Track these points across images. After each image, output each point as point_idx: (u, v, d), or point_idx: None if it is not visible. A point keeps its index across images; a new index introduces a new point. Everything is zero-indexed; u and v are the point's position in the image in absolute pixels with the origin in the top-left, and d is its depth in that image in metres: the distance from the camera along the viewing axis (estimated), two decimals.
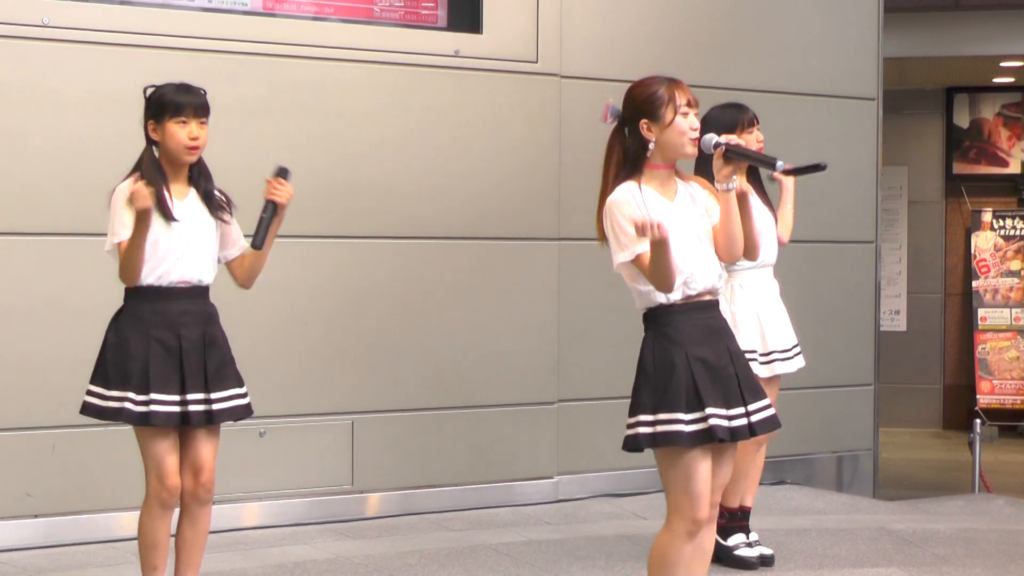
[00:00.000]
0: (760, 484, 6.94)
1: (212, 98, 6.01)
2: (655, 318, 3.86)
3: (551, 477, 6.86)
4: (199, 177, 4.35)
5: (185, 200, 4.30)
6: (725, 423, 3.78)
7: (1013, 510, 6.92)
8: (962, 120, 12.31)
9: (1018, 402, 11.76)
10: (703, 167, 4.47)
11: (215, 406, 4.26)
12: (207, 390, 4.26)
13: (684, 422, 3.74)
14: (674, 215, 3.81)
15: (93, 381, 4.30)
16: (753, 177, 5.38)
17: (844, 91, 7.72)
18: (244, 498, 6.09)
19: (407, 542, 5.90)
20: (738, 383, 3.85)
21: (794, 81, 7.54)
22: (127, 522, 5.84)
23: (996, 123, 12.28)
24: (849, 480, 7.76)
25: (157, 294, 4.23)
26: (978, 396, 11.78)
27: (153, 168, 4.27)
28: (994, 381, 11.81)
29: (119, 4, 5.89)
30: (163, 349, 4.20)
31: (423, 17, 6.62)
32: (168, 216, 4.22)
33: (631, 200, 3.79)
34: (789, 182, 5.67)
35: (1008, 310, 11.89)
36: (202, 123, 4.30)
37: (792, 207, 5.66)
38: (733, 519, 5.53)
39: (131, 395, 4.18)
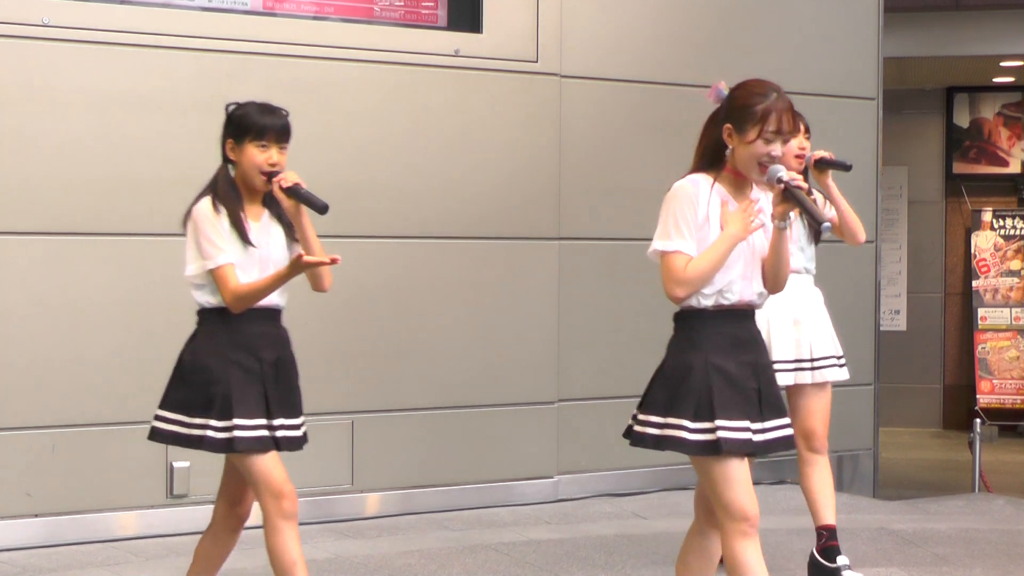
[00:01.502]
0: (760, 484, 6.94)
1: (212, 98, 6.05)
2: (684, 320, 3.82)
3: (551, 477, 6.86)
4: (271, 199, 4.13)
5: (260, 222, 4.12)
6: (733, 435, 3.67)
7: (1013, 510, 6.92)
8: (962, 120, 12.31)
9: (1018, 402, 11.76)
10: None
11: (279, 433, 4.08)
12: (279, 415, 4.10)
13: (688, 430, 3.68)
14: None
15: (167, 407, 4.10)
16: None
17: (844, 91, 7.72)
18: None
19: (407, 542, 5.90)
20: (759, 398, 3.74)
21: (794, 81, 7.51)
22: (127, 522, 5.86)
23: (996, 123, 12.28)
24: (849, 480, 7.76)
25: (234, 317, 4.04)
26: (978, 396, 11.78)
27: (229, 188, 4.11)
28: (994, 381, 11.81)
29: (119, 4, 5.89)
30: (243, 372, 4.04)
31: (423, 17, 6.62)
32: (246, 240, 4.05)
33: (695, 197, 3.72)
34: (830, 181, 5.57)
35: (1008, 310, 11.89)
36: (283, 149, 4.11)
37: (846, 203, 5.49)
38: (832, 537, 5.30)
39: (212, 422, 4.00)
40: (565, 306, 6.87)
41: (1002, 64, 11.13)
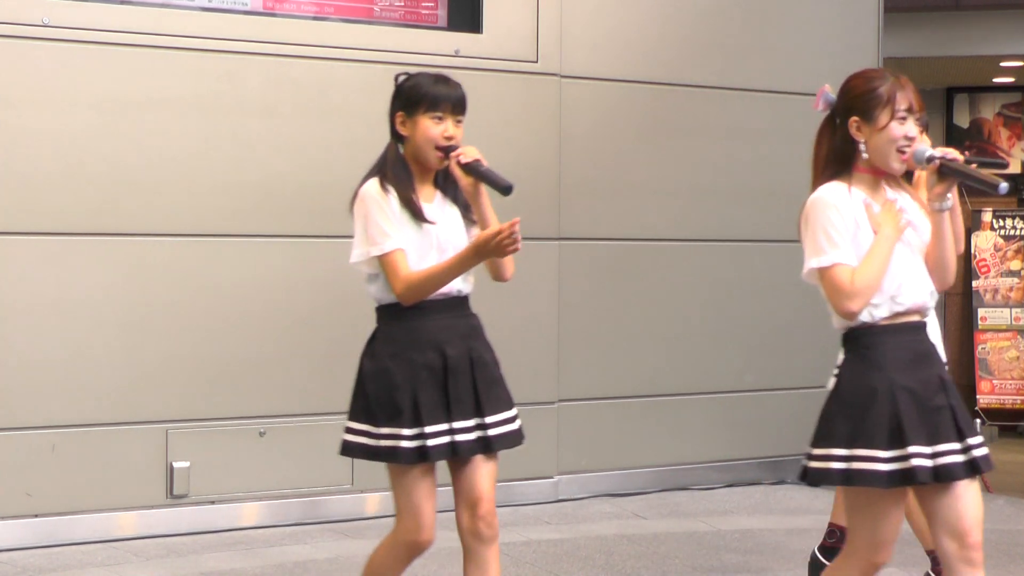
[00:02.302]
0: (760, 484, 6.94)
1: (212, 98, 6.06)
2: (856, 339, 3.45)
3: (551, 477, 6.86)
4: (446, 178, 3.80)
5: (433, 203, 3.77)
6: (928, 463, 3.35)
7: (1013, 510, 6.92)
8: (962, 120, 12.31)
9: (1018, 402, 11.76)
10: None
11: (491, 431, 3.71)
12: (480, 414, 3.72)
13: (882, 460, 3.34)
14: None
15: (355, 418, 3.77)
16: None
17: None
18: (244, 498, 6.09)
19: None
20: (953, 415, 3.41)
21: (794, 81, 7.53)
22: (127, 522, 5.86)
23: (996, 123, 12.27)
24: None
25: (414, 310, 3.70)
26: (978, 396, 11.77)
27: (399, 166, 3.78)
28: (994, 381, 11.80)
29: (119, 4, 5.89)
30: (428, 373, 3.68)
31: (423, 17, 6.62)
32: (420, 217, 3.69)
33: (839, 204, 3.44)
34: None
35: (1008, 310, 11.89)
36: (458, 122, 3.77)
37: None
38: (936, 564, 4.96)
39: (404, 431, 3.65)
40: (565, 306, 6.87)
41: (1002, 64, 11.13)
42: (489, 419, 3.72)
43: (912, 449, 3.34)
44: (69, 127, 5.76)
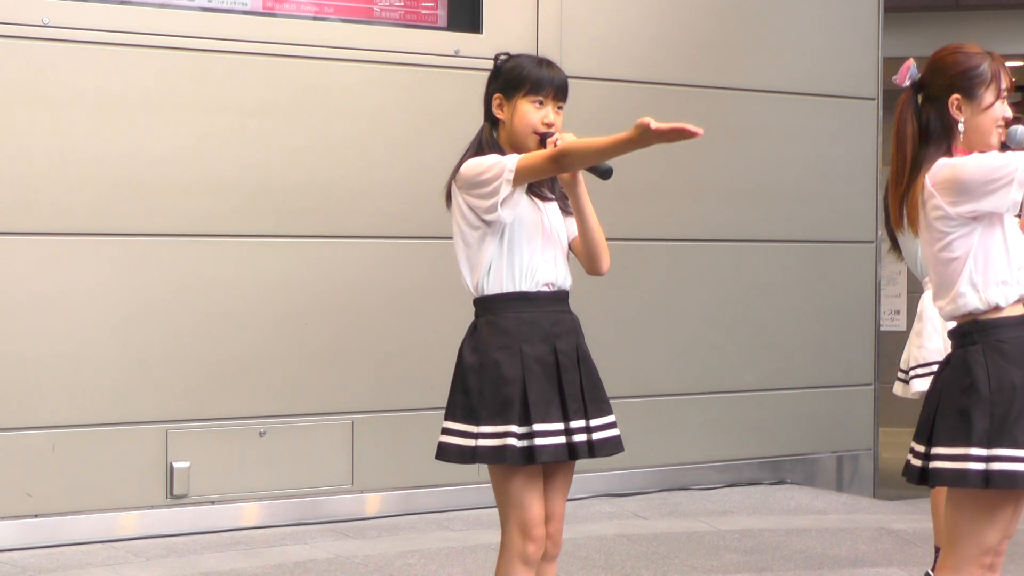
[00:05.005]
0: (760, 484, 6.95)
1: (212, 98, 6.06)
2: (985, 330, 3.23)
3: None
4: None
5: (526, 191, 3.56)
6: None
7: None
8: None
9: None
10: None
11: (595, 435, 3.52)
12: (587, 416, 3.54)
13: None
14: None
15: (452, 417, 3.54)
16: None
17: (844, 91, 7.72)
18: (244, 498, 6.09)
19: (407, 542, 5.90)
20: None
21: (794, 81, 7.54)
22: (127, 522, 5.86)
23: None
24: (849, 480, 7.76)
25: (523, 300, 3.50)
26: None
27: (493, 150, 3.57)
28: None
29: (119, 4, 5.89)
30: (540, 367, 3.47)
31: (423, 17, 6.62)
32: (536, 193, 3.52)
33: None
34: None
35: None
36: (559, 108, 3.60)
37: None
38: None
39: (513, 428, 3.42)
40: None
41: None
42: (594, 422, 3.55)
43: None
44: (69, 127, 5.76)
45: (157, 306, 5.90)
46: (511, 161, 3.44)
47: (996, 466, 3.14)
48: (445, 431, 3.56)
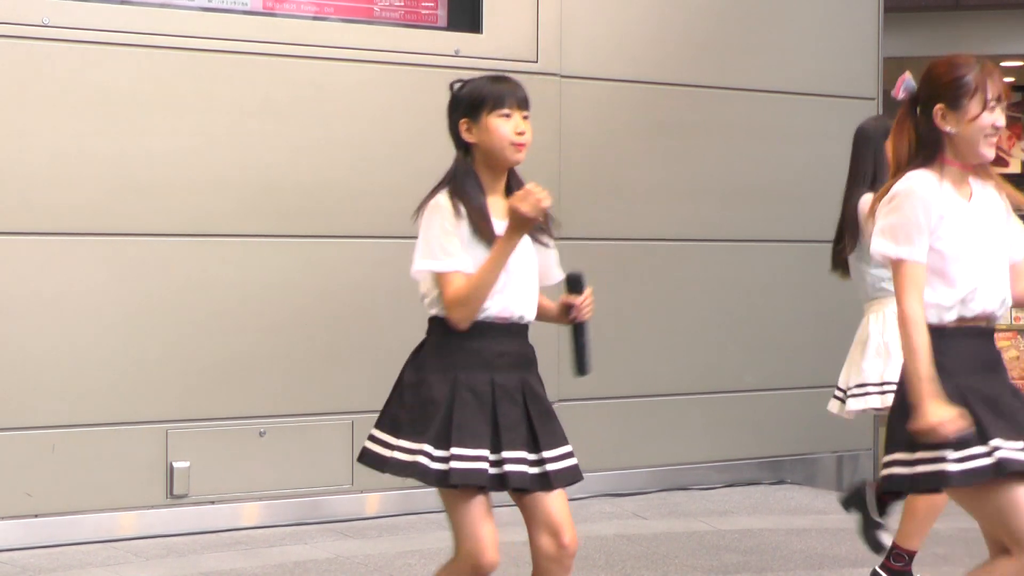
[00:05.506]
0: (760, 484, 6.94)
1: (212, 98, 6.06)
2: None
3: None
4: (517, 190, 3.62)
5: (504, 218, 3.58)
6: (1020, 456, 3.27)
7: None
8: None
9: None
10: None
11: (549, 467, 3.59)
12: (538, 449, 3.60)
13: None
14: (970, 219, 3.35)
15: (378, 425, 3.64)
16: None
17: (844, 91, 7.72)
18: (244, 498, 6.09)
19: (407, 542, 5.90)
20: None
21: (794, 81, 7.54)
22: (127, 522, 5.86)
23: None
24: (849, 480, 7.76)
25: (471, 329, 3.55)
26: None
27: (469, 179, 3.61)
28: None
29: (119, 4, 5.89)
30: (472, 396, 3.52)
31: (423, 17, 6.62)
32: (491, 238, 3.54)
33: (929, 196, 3.30)
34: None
35: (1009, 310, 11.89)
36: (525, 117, 3.62)
37: None
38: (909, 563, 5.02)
39: (427, 448, 3.49)
40: None
41: (1002, 64, 11.13)
42: (547, 454, 3.60)
43: (997, 442, 3.27)
44: (69, 127, 5.76)
45: (157, 306, 5.90)
46: (452, 280, 3.54)
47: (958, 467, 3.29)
48: (370, 437, 3.65)
